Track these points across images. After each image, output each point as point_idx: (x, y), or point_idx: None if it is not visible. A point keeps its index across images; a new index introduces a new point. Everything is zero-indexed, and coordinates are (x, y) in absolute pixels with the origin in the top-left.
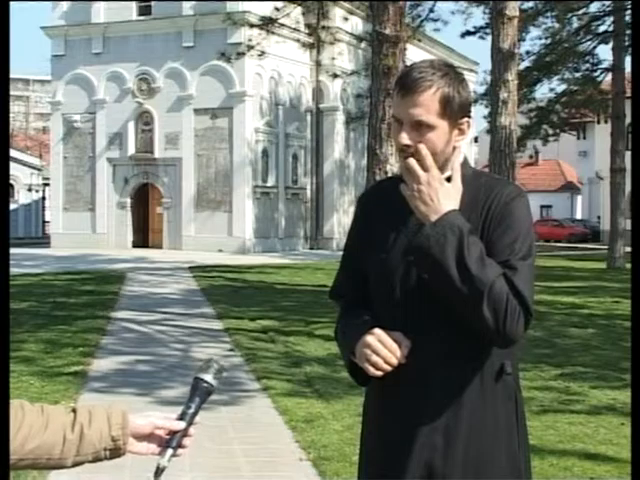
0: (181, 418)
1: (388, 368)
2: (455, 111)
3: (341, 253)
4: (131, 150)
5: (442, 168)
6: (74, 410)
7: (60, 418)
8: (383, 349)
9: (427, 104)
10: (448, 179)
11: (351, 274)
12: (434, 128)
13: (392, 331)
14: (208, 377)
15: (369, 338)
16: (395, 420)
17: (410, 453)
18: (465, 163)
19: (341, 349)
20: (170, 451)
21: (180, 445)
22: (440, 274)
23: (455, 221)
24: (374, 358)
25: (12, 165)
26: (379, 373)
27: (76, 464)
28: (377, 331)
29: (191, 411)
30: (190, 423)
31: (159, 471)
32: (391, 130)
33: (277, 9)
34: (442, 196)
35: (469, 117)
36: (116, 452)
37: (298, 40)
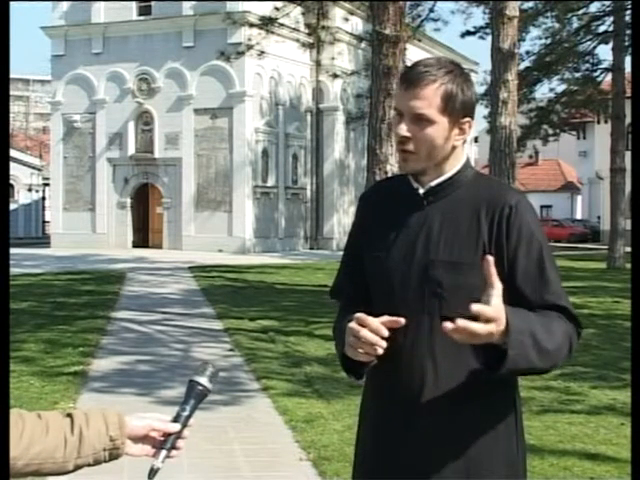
0: (175, 420)
1: (377, 351)
2: (457, 109)
3: (341, 253)
4: (131, 150)
5: (439, 165)
6: (69, 414)
7: (59, 422)
8: (363, 330)
9: (429, 98)
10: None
11: (351, 273)
12: (434, 123)
13: (392, 333)
14: (203, 380)
15: (351, 323)
16: (391, 420)
17: (406, 454)
18: (467, 164)
19: (335, 346)
20: (164, 452)
21: (174, 447)
22: (529, 367)
23: (518, 328)
24: (351, 340)
25: (12, 165)
26: (365, 357)
27: (77, 467)
28: (358, 315)
29: (185, 413)
30: (184, 425)
31: (153, 472)
32: (392, 123)
33: (277, 9)
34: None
35: (472, 117)
36: (115, 452)
37: (298, 40)
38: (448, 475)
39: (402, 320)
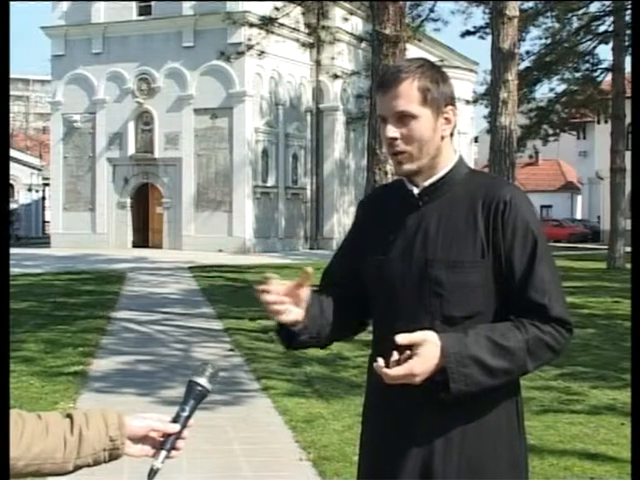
0: (175, 420)
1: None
2: (436, 98)
3: None
4: (131, 150)
5: (433, 158)
6: (69, 415)
7: (58, 422)
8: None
9: (407, 94)
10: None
11: (337, 268)
12: (417, 117)
13: (392, 335)
14: (203, 380)
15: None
16: (394, 421)
17: (409, 454)
18: (461, 162)
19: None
20: (164, 453)
21: (174, 447)
22: (488, 387)
23: (456, 355)
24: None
25: (12, 165)
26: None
27: (77, 467)
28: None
29: (185, 414)
30: (184, 426)
31: (152, 473)
32: (380, 131)
33: (277, 9)
34: (427, 363)
35: (454, 105)
36: (114, 453)
37: (298, 40)
38: (452, 475)
39: (309, 269)
